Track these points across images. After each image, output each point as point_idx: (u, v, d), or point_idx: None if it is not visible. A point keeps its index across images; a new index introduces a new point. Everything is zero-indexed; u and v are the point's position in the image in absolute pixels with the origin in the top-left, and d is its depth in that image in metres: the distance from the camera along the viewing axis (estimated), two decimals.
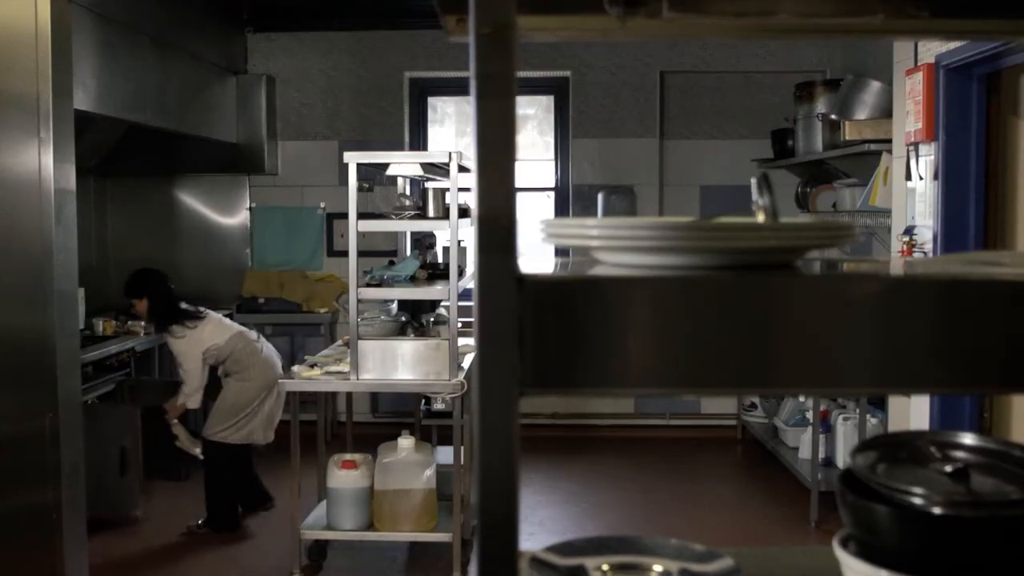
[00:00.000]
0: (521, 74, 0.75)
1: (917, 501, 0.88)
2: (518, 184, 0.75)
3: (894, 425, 5.25)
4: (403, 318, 4.88)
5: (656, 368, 0.77)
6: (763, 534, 5.18)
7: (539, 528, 5.28)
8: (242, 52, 7.47)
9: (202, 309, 5.25)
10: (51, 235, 3.12)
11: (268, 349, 5.29)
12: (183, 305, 5.21)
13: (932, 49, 4.77)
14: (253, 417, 5.12)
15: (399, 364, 4.46)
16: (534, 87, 7.57)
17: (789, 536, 5.17)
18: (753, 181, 0.95)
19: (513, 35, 0.74)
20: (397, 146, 7.36)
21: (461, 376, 4.47)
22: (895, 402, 5.14)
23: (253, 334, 5.28)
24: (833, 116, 5.87)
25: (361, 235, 4.43)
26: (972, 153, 4.65)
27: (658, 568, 1.01)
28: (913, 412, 4.95)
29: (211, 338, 5.10)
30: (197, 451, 5.23)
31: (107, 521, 5.03)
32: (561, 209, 7.50)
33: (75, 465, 3.26)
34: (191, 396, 5.15)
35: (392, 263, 5.28)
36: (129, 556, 4.91)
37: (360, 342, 4.45)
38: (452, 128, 7.93)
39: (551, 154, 7.68)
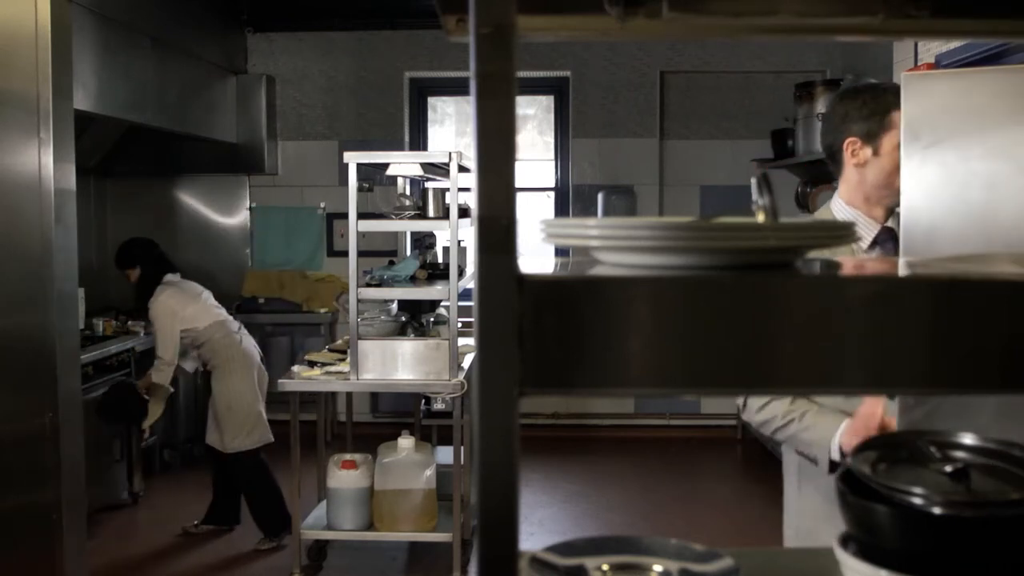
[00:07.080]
0: (521, 74, 0.75)
1: (917, 501, 0.87)
2: (518, 184, 0.75)
3: None
4: (403, 318, 4.88)
5: (656, 368, 0.77)
6: (763, 534, 5.18)
7: (539, 528, 5.28)
8: (242, 52, 7.47)
9: (198, 286, 5.15)
10: (51, 235, 3.12)
11: (247, 341, 5.12)
12: (175, 275, 5.12)
13: (932, 49, 4.77)
14: (260, 417, 4.98)
15: (399, 364, 4.46)
16: (534, 87, 7.57)
17: None
18: (753, 181, 0.95)
19: (513, 35, 0.74)
20: (397, 146, 7.36)
21: (461, 376, 4.47)
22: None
23: (235, 325, 5.11)
24: None
25: (361, 235, 4.43)
26: None
27: (658, 568, 1.00)
28: None
29: (192, 320, 4.93)
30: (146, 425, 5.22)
31: (102, 508, 5.05)
32: (561, 209, 7.50)
33: (75, 464, 3.26)
34: (162, 370, 4.93)
35: (392, 263, 5.28)
36: (127, 555, 4.91)
37: (360, 342, 4.45)
38: (452, 128, 7.93)
39: (551, 154, 7.68)
